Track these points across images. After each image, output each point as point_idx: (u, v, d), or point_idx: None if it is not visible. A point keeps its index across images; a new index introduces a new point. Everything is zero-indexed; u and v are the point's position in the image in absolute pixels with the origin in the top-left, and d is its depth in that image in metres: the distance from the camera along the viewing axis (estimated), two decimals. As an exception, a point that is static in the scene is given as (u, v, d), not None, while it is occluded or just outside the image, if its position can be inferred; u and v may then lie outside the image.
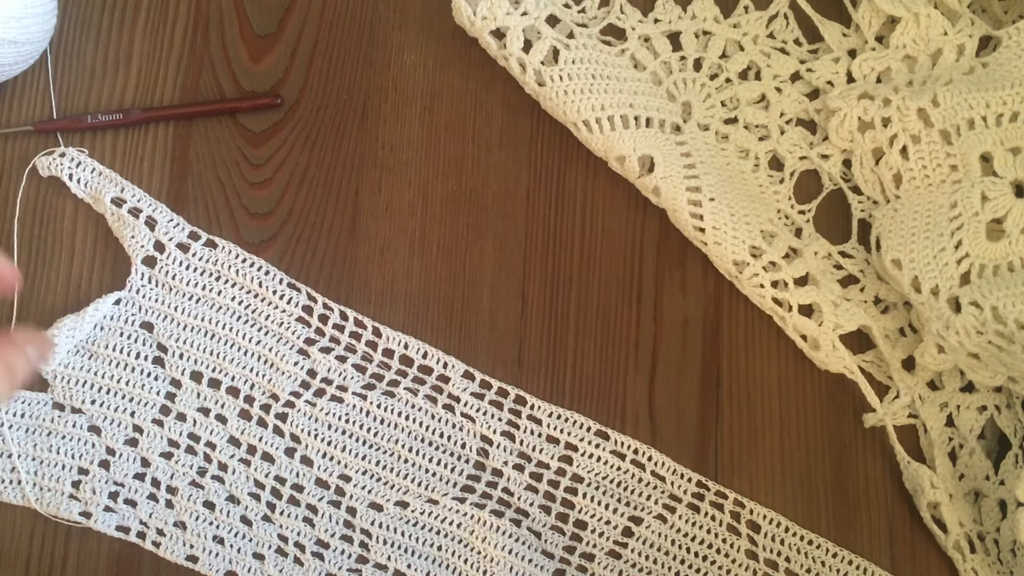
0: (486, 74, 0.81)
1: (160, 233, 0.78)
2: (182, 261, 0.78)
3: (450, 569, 0.76)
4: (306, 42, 0.82)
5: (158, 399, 0.77)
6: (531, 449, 0.77)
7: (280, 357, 0.77)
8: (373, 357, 0.78)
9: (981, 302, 0.71)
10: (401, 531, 0.76)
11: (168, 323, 0.78)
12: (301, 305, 0.78)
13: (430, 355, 0.78)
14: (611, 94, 0.76)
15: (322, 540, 0.76)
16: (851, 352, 0.77)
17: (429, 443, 0.77)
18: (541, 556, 0.76)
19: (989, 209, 0.74)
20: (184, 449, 0.77)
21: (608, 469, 0.76)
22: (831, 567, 0.76)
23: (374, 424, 0.77)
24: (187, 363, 0.77)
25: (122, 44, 0.82)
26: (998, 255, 0.74)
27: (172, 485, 0.76)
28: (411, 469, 0.77)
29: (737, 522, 0.76)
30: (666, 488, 0.76)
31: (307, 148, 0.80)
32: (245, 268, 0.78)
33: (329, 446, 0.77)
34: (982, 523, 0.75)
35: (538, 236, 0.80)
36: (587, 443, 0.77)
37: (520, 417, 0.77)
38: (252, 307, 0.78)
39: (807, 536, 0.76)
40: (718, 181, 0.77)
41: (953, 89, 0.76)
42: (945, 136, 0.77)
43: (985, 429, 0.77)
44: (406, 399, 0.77)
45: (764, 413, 0.78)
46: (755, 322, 0.78)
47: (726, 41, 0.81)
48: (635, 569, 0.76)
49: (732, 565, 0.76)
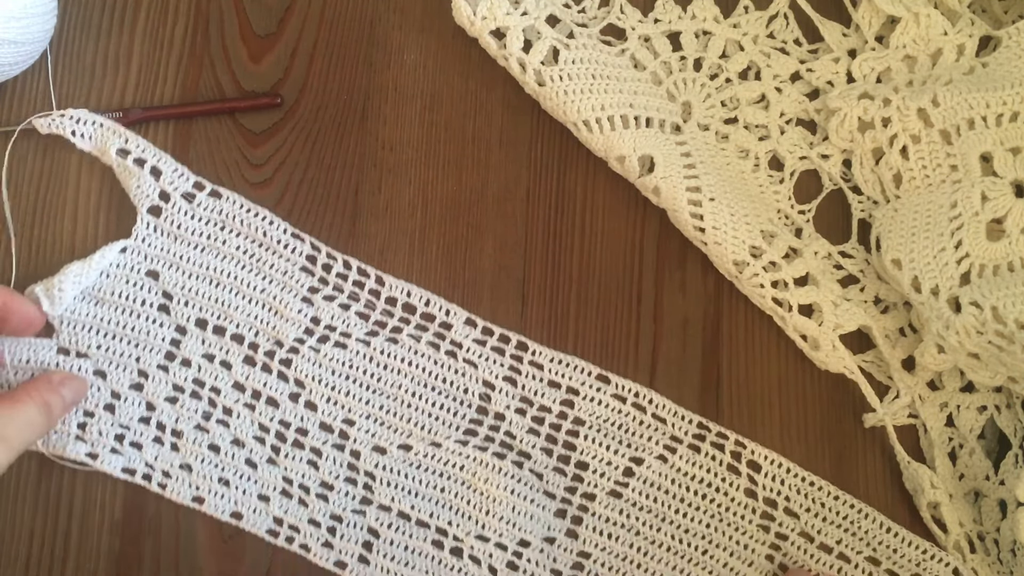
0: (486, 74, 0.81)
1: (165, 183, 0.78)
2: (187, 211, 0.78)
3: (453, 510, 0.76)
4: (306, 42, 0.82)
5: (163, 345, 0.77)
6: (533, 393, 0.77)
7: (284, 305, 0.77)
8: (376, 305, 0.78)
9: (981, 302, 0.71)
10: (404, 473, 0.77)
11: (173, 271, 0.78)
12: (305, 254, 0.78)
13: (433, 303, 0.78)
14: (611, 94, 0.76)
15: (326, 482, 0.77)
16: (851, 352, 0.77)
17: (432, 388, 0.77)
18: (543, 496, 0.77)
19: (989, 209, 0.74)
20: (189, 394, 0.77)
21: (609, 412, 0.77)
22: (831, 508, 0.76)
23: (377, 370, 0.77)
24: (192, 310, 0.78)
25: (122, 44, 0.82)
26: (998, 255, 0.74)
27: (177, 429, 0.77)
28: (414, 413, 0.77)
29: (738, 462, 0.77)
30: (667, 430, 0.77)
31: (307, 148, 0.80)
32: (250, 218, 0.78)
33: (333, 391, 0.77)
34: (982, 523, 0.75)
35: (538, 236, 0.80)
36: (588, 387, 0.77)
37: (522, 363, 0.78)
38: (256, 256, 0.78)
39: (808, 477, 0.76)
40: (718, 181, 0.77)
41: (953, 89, 0.76)
42: (945, 136, 0.77)
43: (985, 429, 0.77)
44: (409, 345, 0.77)
45: (764, 413, 0.78)
46: (755, 322, 0.78)
47: (726, 41, 0.81)
48: (635, 508, 0.76)
49: (731, 504, 0.76)
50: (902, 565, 0.75)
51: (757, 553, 0.76)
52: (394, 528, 0.76)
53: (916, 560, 0.75)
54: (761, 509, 0.76)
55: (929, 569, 0.75)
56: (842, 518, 0.76)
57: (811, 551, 0.76)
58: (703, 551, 0.76)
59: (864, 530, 0.76)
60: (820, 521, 0.76)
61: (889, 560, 0.76)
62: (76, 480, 0.76)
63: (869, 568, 0.76)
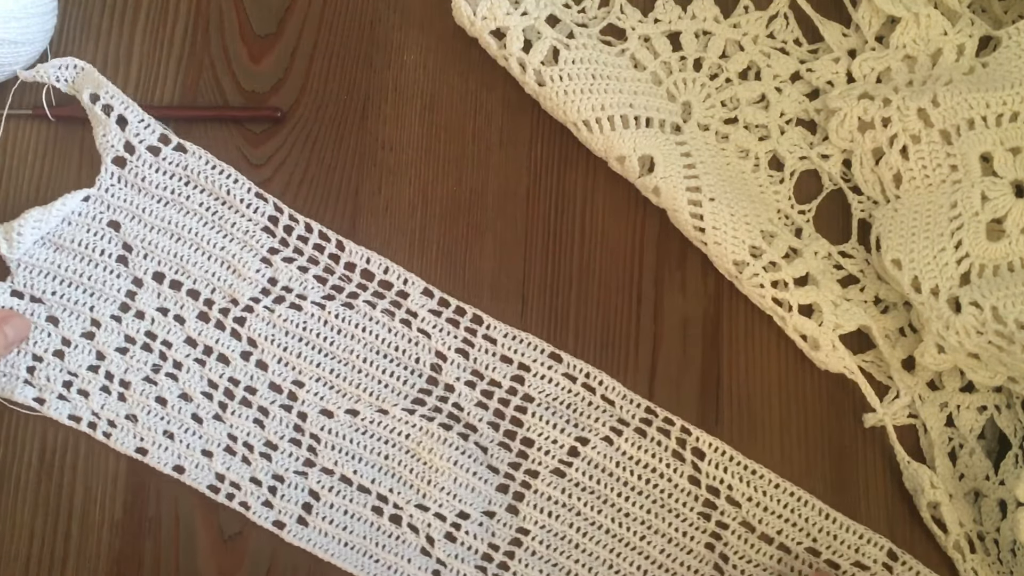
0: (486, 74, 0.81)
1: (130, 134, 0.78)
2: (152, 164, 0.78)
3: (395, 477, 0.77)
4: (306, 42, 0.82)
5: (119, 296, 0.78)
6: (484, 367, 0.77)
7: (242, 264, 0.78)
8: (335, 269, 0.78)
9: (981, 302, 0.71)
10: (350, 438, 0.77)
11: (135, 223, 0.78)
12: (267, 215, 0.78)
13: (391, 270, 0.78)
14: (611, 94, 0.76)
15: (271, 442, 0.77)
16: (851, 352, 0.77)
17: (384, 355, 0.78)
18: (486, 470, 0.77)
19: (989, 209, 0.74)
20: (140, 346, 0.78)
21: (559, 391, 0.77)
22: (772, 496, 0.76)
23: (331, 333, 0.78)
24: (150, 263, 0.78)
25: (122, 44, 0.82)
26: (998, 255, 0.74)
27: (125, 379, 0.77)
28: (364, 379, 0.78)
29: (682, 448, 0.77)
30: (615, 412, 0.77)
31: (307, 148, 0.80)
32: (214, 175, 0.78)
33: (285, 352, 0.78)
34: (982, 523, 0.75)
35: (538, 236, 0.80)
36: (540, 364, 0.77)
37: (476, 336, 0.78)
38: (219, 213, 0.78)
39: (751, 466, 0.77)
40: (718, 181, 0.77)
41: (953, 89, 0.76)
42: (945, 136, 0.77)
43: (985, 429, 0.77)
44: (364, 311, 0.78)
45: (764, 413, 0.78)
46: (755, 322, 0.78)
47: (726, 41, 0.81)
48: (578, 488, 0.77)
49: (674, 490, 0.76)
50: (841, 553, 0.76)
51: (697, 541, 0.76)
52: (335, 492, 0.77)
53: (855, 546, 0.76)
54: (703, 497, 0.76)
55: (867, 554, 0.75)
56: (783, 507, 0.76)
57: (752, 541, 0.76)
58: (641, 536, 0.76)
59: (804, 518, 0.76)
60: (761, 511, 0.76)
61: (829, 549, 0.76)
62: (76, 480, 0.77)
63: (809, 559, 0.76)
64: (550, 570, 0.76)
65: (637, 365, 0.78)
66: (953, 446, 0.77)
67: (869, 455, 0.77)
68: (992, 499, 0.75)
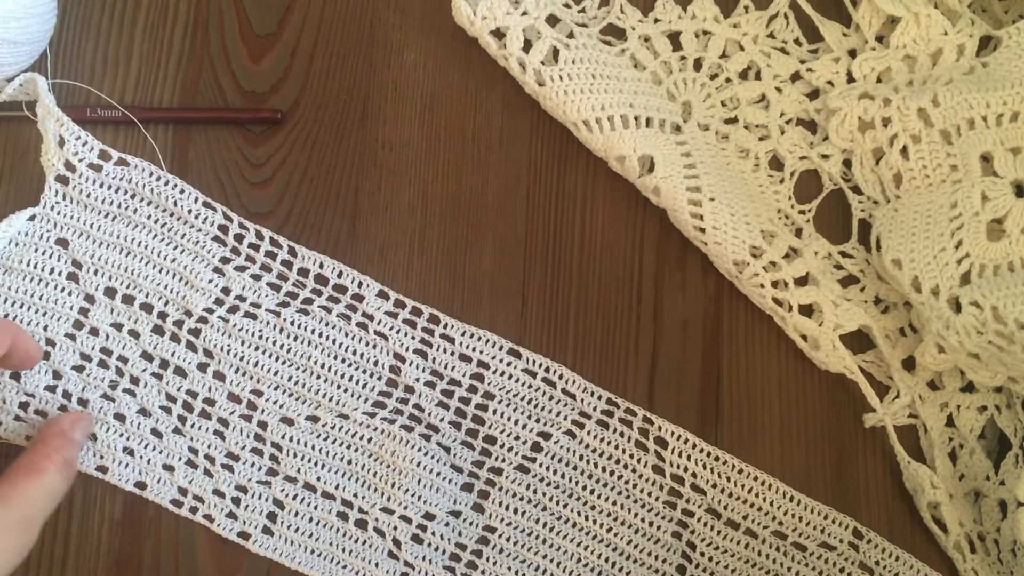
0: (486, 74, 0.81)
1: (69, 153, 0.77)
2: (95, 179, 0.78)
3: (359, 482, 0.77)
4: (306, 42, 0.82)
5: (71, 313, 0.77)
6: (443, 367, 0.77)
7: (195, 275, 0.77)
8: (288, 276, 0.78)
9: (981, 302, 0.71)
10: (311, 445, 0.77)
11: (83, 239, 0.78)
12: (217, 224, 0.78)
13: (345, 274, 0.78)
14: (611, 94, 0.76)
15: (232, 453, 0.77)
16: (851, 352, 0.77)
17: (342, 360, 0.77)
18: (450, 470, 0.77)
19: (989, 209, 0.74)
20: (96, 363, 0.77)
21: (519, 387, 0.77)
22: (736, 482, 0.76)
23: (287, 341, 0.77)
24: (101, 279, 0.77)
25: (122, 44, 0.82)
26: (998, 255, 0.74)
27: (83, 397, 0.77)
28: (323, 385, 0.77)
29: (645, 438, 0.77)
30: (576, 405, 0.77)
31: (307, 148, 0.80)
32: (160, 187, 0.78)
33: (242, 361, 0.77)
34: (982, 523, 0.75)
35: (538, 236, 0.80)
36: (499, 361, 0.77)
37: (433, 335, 0.78)
38: (168, 225, 0.78)
39: (713, 452, 0.77)
40: (718, 181, 0.77)
41: (953, 89, 0.76)
42: (945, 136, 0.77)
43: (985, 429, 0.77)
44: (320, 316, 0.77)
45: (764, 413, 0.78)
46: (755, 322, 0.78)
47: (726, 41, 0.81)
48: (543, 483, 0.76)
49: (639, 480, 0.76)
50: (807, 534, 0.76)
51: (663, 530, 0.76)
52: (299, 499, 0.77)
53: (820, 527, 0.76)
54: (668, 486, 0.76)
55: (833, 533, 0.76)
56: (747, 491, 0.76)
57: (718, 527, 0.76)
58: (608, 528, 0.76)
59: (769, 501, 0.76)
60: (726, 496, 0.76)
61: (795, 531, 0.76)
62: (76, 480, 0.76)
63: (776, 542, 0.76)
64: (519, 567, 0.76)
65: (637, 365, 0.78)
66: (953, 446, 0.77)
67: (869, 455, 0.77)
68: (992, 499, 0.75)
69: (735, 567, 0.76)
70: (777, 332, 0.78)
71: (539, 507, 0.76)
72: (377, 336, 0.77)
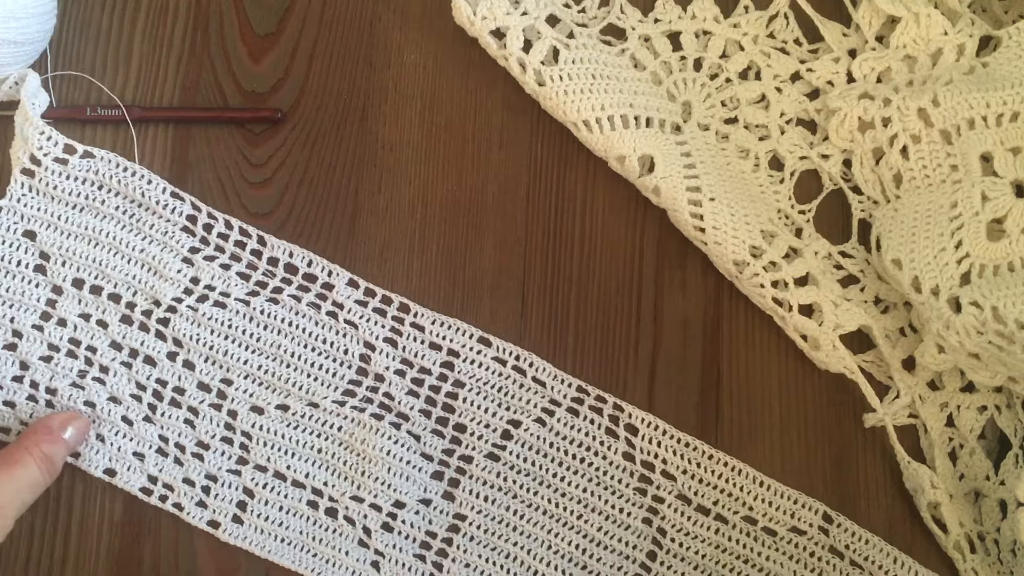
0: (486, 74, 0.81)
1: (33, 147, 0.77)
2: (62, 172, 0.78)
3: (329, 470, 0.77)
4: (306, 42, 0.82)
5: (39, 305, 0.77)
6: (413, 355, 0.77)
7: (163, 264, 0.77)
8: (258, 265, 0.78)
9: (981, 302, 0.71)
10: (282, 433, 0.77)
11: (51, 231, 0.78)
12: (185, 215, 0.78)
13: (315, 263, 0.78)
14: (611, 94, 0.76)
15: (202, 442, 0.77)
16: (851, 352, 0.77)
17: (312, 348, 0.78)
18: (420, 458, 0.77)
19: (989, 209, 0.74)
20: (65, 353, 0.77)
21: (489, 375, 0.77)
22: (706, 468, 0.77)
23: (257, 329, 0.78)
24: (69, 270, 0.78)
25: (122, 44, 0.82)
26: (998, 255, 0.74)
27: (51, 386, 0.77)
28: (293, 374, 0.77)
29: (615, 425, 0.77)
30: (546, 393, 0.77)
31: (307, 148, 0.80)
32: (127, 177, 0.78)
33: (211, 350, 0.77)
34: (982, 523, 0.75)
35: (538, 236, 0.80)
36: (469, 349, 0.78)
37: (403, 324, 0.78)
38: (136, 216, 0.78)
39: (684, 439, 0.77)
40: (718, 181, 0.77)
41: (953, 89, 0.76)
42: (945, 136, 0.77)
43: (985, 429, 0.77)
44: (290, 305, 0.78)
45: (764, 413, 0.78)
46: (755, 322, 0.78)
47: (726, 41, 0.81)
48: (513, 471, 0.77)
49: (609, 467, 0.77)
50: (777, 519, 0.76)
51: (634, 516, 0.76)
52: (269, 488, 0.77)
53: (790, 511, 0.76)
54: (639, 472, 0.77)
55: (803, 518, 0.76)
56: (717, 477, 0.76)
57: (688, 513, 0.76)
58: (579, 515, 0.76)
59: (739, 487, 0.76)
60: (696, 483, 0.76)
61: (765, 516, 0.76)
62: (76, 480, 0.76)
63: (746, 527, 0.76)
64: (489, 554, 0.76)
65: (637, 365, 0.78)
66: (953, 446, 0.77)
67: (869, 455, 0.77)
68: (992, 499, 0.75)
69: (705, 552, 0.76)
70: (777, 332, 0.78)
71: (509, 495, 0.77)
72: (347, 325, 0.78)
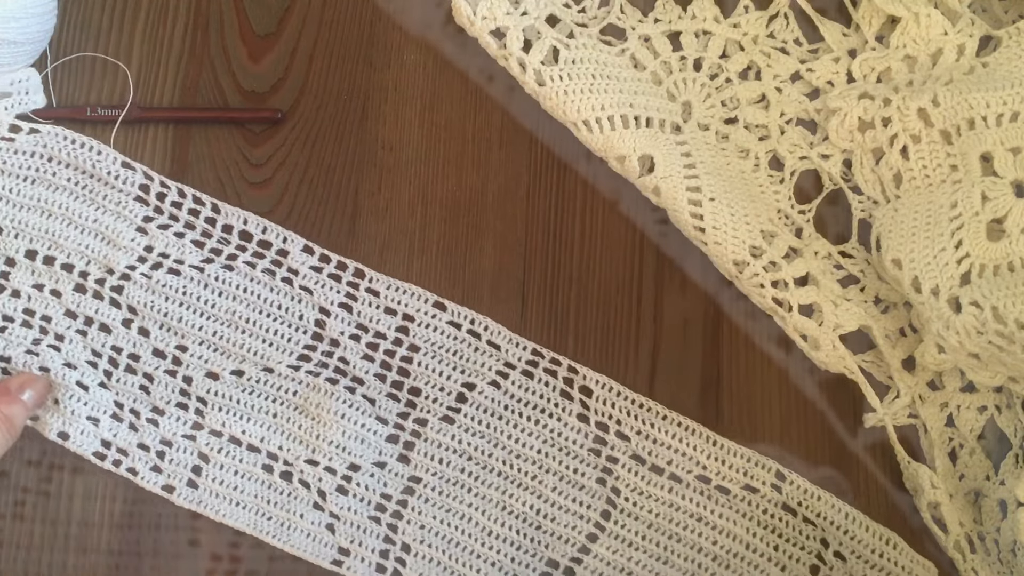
0: (486, 74, 0.81)
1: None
2: (9, 148, 0.78)
3: (284, 435, 0.77)
4: (306, 42, 0.82)
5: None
6: (368, 320, 0.78)
7: (117, 234, 0.78)
8: (212, 233, 0.78)
9: (981, 302, 0.71)
10: (236, 399, 0.77)
11: (2, 204, 0.78)
12: (138, 184, 0.78)
13: (269, 230, 0.78)
14: (611, 94, 0.76)
15: (157, 407, 0.77)
16: (851, 352, 0.76)
17: (267, 314, 0.78)
18: (375, 422, 0.77)
19: (989, 209, 0.74)
20: (20, 323, 0.78)
21: (444, 338, 0.78)
22: (660, 428, 0.77)
23: (212, 296, 0.78)
24: (22, 242, 0.78)
25: (122, 44, 0.82)
26: (998, 255, 0.73)
27: (5, 355, 0.77)
28: (248, 339, 0.78)
29: (570, 387, 0.77)
30: (501, 356, 0.77)
31: (307, 148, 0.80)
32: (75, 149, 0.78)
33: (166, 317, 0.77)
34: (982, 523, 0.75)
35: (538, 236, 0.80)
36: (424, 314, 0.78)
37: (358, 289, 0.78)
38: (88, 187, 0.78)
39: (638, 400, 0.77)
40: (718, 181, 0.77)
41: (953, 89, 0.76)
42: (945, 136, 0.77)
43: (985, 429, 0.77)
44: (244, 272, 0.78)
45: (764, 413, 0.78)
46: (755, 322, 0.78)
47: (726, 41, 0.81)
48: (467, 433, 0.77)
49: (564, 428, 0.77)
50: (731, 478, 0.76)
51: (588, 477, 0.77)
52: (224, 453, 0.77)
53: (743, 469, 0.76)
54: (593, 433, 0.77)
55: (756, 476, 0.76)
56: (671, 437, 0.77)
57: (643, 473, 0.76)
58: (533, 476, 0.77)
59: (692, 446, 0.76)
60: (651, 443, 0.77)
61: (718, 475, 0.76)
62: (76, 480, 0.76)
63: (699, 486, 0.76)
64: (444, 515, 0.77)
65: (637, 365, 0.78)
66: (953, 446, 0.77)
67: (869, 455, 0.77)
68: (992, 499, 0.75)
69: (659, 511, 0.76)
70: (777, 332, 0.78)
71: (464, 457, 0.77)
72: (302, 291, 0.78)
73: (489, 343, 0.77)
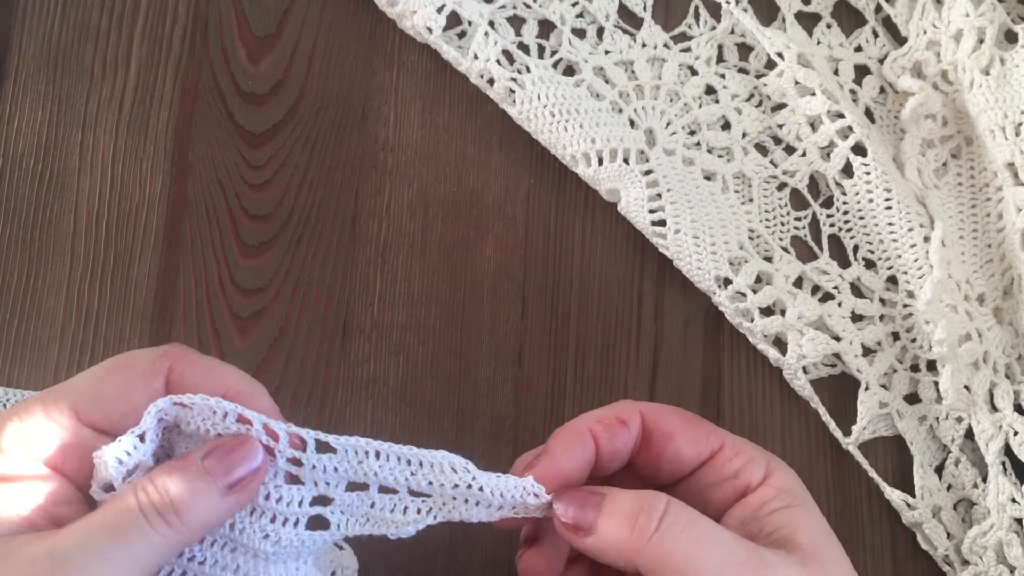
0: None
1: None
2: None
3: None
4: (305, 43, 0.82)
5: None
6: None
7: None
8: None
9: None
10: None
11: None
12: None
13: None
14: (571, 131, 0.77)
15: None
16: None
17: None
18: None
19: (1021, 220, 0.74)
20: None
21: None
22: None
23: None
24: None
25: (121, 45, 0.82)
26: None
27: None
28: None
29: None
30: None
31: (307, 149, 0.81)
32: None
33: None
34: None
35: (538, 238, 0.80)
36: None
37: None
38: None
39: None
40: (685, 210, 0.77)
41: (978, 96, 0.77)
42: (982, 142, 0.78)
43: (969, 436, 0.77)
44: None
45: (765, 413, 0.78)
46: (755, 322, 0.78)
47: (679, 66, 0.81)
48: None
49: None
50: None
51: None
52: None
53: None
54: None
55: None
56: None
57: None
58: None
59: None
60: None
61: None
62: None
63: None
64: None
65: (638, 365, 0.79)
66: (939, 458, 0.77)
67: (870, 457, 0.77)
68: (982, 507, 0.75)
69: None
70: (778, 332, 0.78)
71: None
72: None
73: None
